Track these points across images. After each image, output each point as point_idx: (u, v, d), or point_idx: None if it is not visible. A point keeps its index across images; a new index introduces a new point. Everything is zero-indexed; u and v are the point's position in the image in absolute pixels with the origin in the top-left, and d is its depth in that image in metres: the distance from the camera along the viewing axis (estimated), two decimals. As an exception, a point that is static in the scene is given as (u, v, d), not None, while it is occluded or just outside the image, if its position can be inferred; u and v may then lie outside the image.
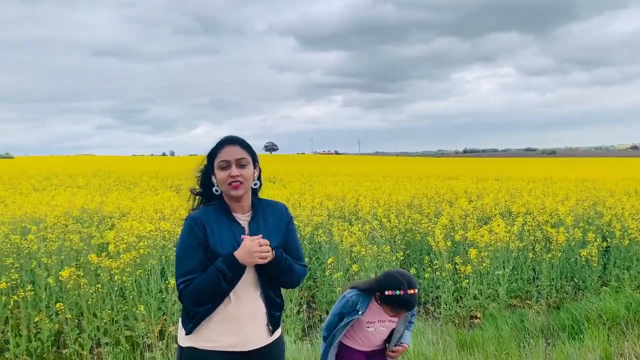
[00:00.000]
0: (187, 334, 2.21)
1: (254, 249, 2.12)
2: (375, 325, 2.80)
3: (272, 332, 2.31)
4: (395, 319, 2.81)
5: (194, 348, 2.20)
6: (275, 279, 2.28)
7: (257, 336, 2.26)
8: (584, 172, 29.41)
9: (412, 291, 2.65)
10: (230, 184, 2.19)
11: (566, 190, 12.82)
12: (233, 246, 2.17)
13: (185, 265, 2.15)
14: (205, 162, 2.32)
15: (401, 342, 2.87)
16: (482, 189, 14.15)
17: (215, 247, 2.16)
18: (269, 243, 2.16)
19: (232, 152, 2.22)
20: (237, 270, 2.13)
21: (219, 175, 2.22)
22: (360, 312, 2.75)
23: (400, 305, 2.68)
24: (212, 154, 2.26)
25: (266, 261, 2.15)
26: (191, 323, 2.19)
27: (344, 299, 2.84)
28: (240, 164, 2.21)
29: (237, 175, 2.19)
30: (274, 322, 2.31)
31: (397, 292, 2.64)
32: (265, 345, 2.28)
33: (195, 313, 2.18)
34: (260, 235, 2.18)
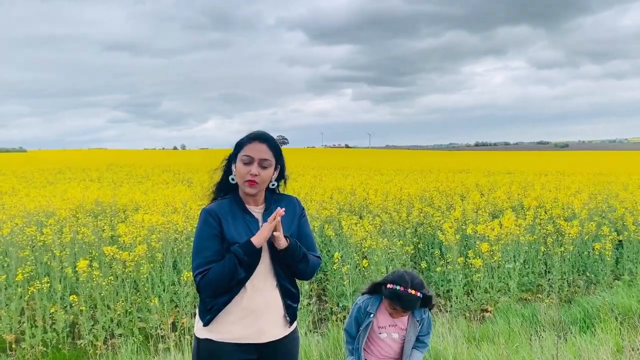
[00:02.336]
0: (204, 325, 2.22)
1: (267, 226, 2.14)
2: (387, 331, 2.78)
3: (290, 323, 2.32)
4: (404, 325, 2.79)
5: (210, 340, 2.21)
6: (290, 268, 2.28)
7: (273, 328, 2.27)
8: (597, 166, 29.10)
9: (412, 291, 2.62)
10: (247, 180, 2.21)
11: (579, 184, 12.71)
12: (248, 236, 2.19)
13: (202, 256, 2.17)
14: (232, 151, 2.32)
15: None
16: (494, 182, 14.07)
17: (231, 238, 2.18)
18: (281, 228, 2.17)
19: (259, 150, 2.21)
20: (252, 254, 2.14)
21: (240, 168, 2.22)
22: (372, 315, 2.75)
23: (396, 300, 2.65)
24: (240, 146, 2.26)
25: (273, 228, 2.14)
26: (209, 315, 2.20)
27: (356, 306, 2.84)
28: (262, 165, 2.21)
29: (256, 175, 2.20)
30: (291, 313, 2.32)
31: (397, 287, 2.64)
32: (280, 338, 2.29)
33: (213, 305, 2.19)
34: (283, 210, 2.18)
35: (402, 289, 2.63)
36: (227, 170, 2.32)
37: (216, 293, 2.17)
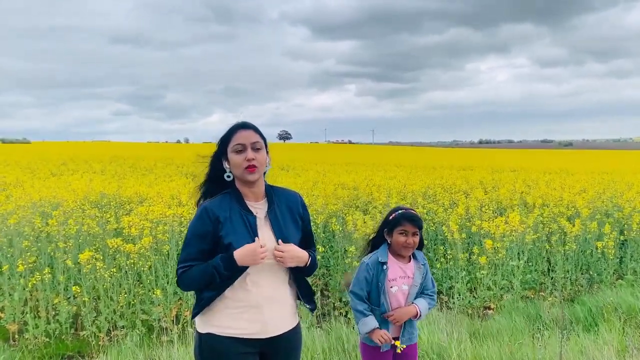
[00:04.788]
0: (192, 317, 2.28)
1: (257, 251, 2.15)
2: (397, 283, 2.81)
3: (312, 310, 2.41)
4: (412, 272, 2.84)
5: (212, 334, 2.21)
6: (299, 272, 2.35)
7: (276, 324, 2.26)
8: (602, 165, 29.01)
9: (412, 211, 2.87)
10: (246, 167, 2.21)
11: (583, 183, 12.66)
12: (247, 233, 2.20)
13: (187, 252, 2.21)
14: (216, 148, 2.33)
15: (413, 302, 2.87)
16: (498, 180, 14.03)
17: (227, 237, 2.18)
18: (283, 250, 2.22)
19: (247, 136, 2.24)
20: (233, 270, 2.16)
21: (234, 159, 2.23)
22: (385, 267, 2.79)
23: (405, 220, 2.79)
24: (226, 139, 2.27)
25: (264, 261, 2.19)
26: (196, 308, 2.24)
27: (363, 265, 2.86)
28: (255, 148, 2.24)
29: (253, 159, 2.21)
30: (309, 297, 2.39)
31: (400, 211, 2.85)
32: (284, 333, 2.29)
33: (201, 298, 2.22)
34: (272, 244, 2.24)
35: (404, 210, 2.86)
36: (219, 168, 2.31)
37: (191, 289, 2.28)
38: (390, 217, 2.85)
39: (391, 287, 2.81)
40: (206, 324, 2.23)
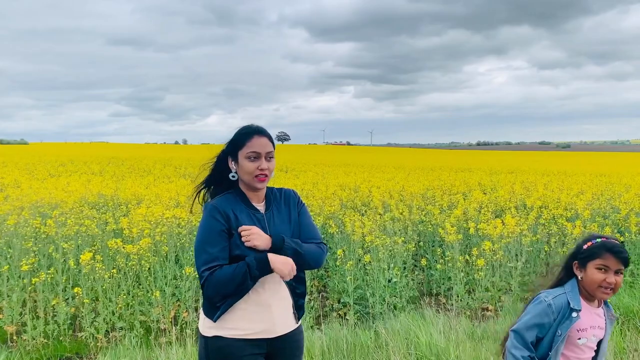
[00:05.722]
0: (214, 321, 2.19)
1: (291, 265, 2.17)
2: (587, 334, 2.23)
3: (298, 319, 2.34)
4: (603, 320, 2.28)
5: (220, 337, 2.19)
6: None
7: (283, 323, 2.28)
8: (599, 167, 29.08)
9: (616, 240, 2.22)
10: (257, 176, 2.22)
11: (581, 185, 12.69)
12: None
13: (209, 252, 2.14)
14: (225, 148, 2.32)
15: None
16: (496, 181, 14.07)
17: (239, 234, 2.18)
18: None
19: (263, 145, 2.24)
20: (265, 272, 2.15)
21: (247, 165, 2.22)
22: (575, 315, 2.19)
23: (608, 250, 2.15)
24: (239, 143, 2.25)
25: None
26: (218, 311, 2.18)
27: (541, 304, 2.23)
28: (269, 157, 2.25)
29: (266, 169, 2.23)
30: (299, 309, 2.35)
31: (598, 240, 2.21)
32: (290, 332, 2.31)
33: (222, 302, 2.18)
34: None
35: (604, 239, 2.20)
36: (224, 168, 2.31)
37: (220, 294, 2.15)
38: (585, 247, 2.23)
39: (579, 338, 2.20)
40: (214, 326, 2.21)
